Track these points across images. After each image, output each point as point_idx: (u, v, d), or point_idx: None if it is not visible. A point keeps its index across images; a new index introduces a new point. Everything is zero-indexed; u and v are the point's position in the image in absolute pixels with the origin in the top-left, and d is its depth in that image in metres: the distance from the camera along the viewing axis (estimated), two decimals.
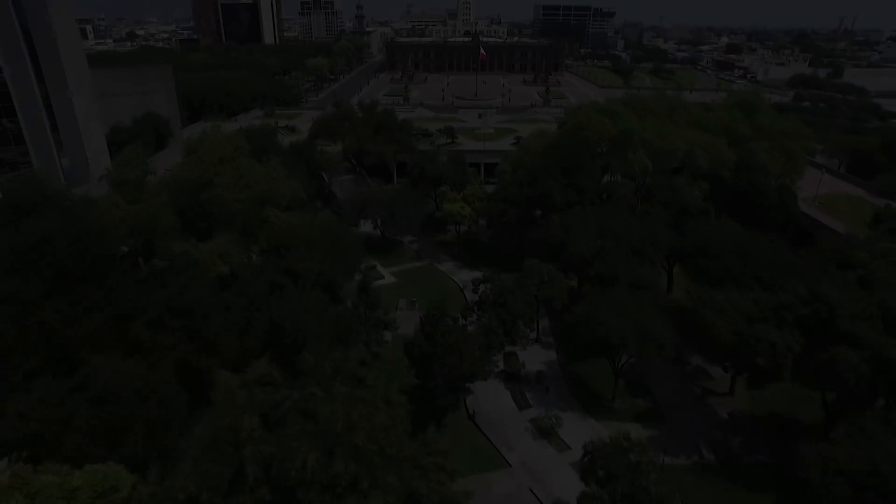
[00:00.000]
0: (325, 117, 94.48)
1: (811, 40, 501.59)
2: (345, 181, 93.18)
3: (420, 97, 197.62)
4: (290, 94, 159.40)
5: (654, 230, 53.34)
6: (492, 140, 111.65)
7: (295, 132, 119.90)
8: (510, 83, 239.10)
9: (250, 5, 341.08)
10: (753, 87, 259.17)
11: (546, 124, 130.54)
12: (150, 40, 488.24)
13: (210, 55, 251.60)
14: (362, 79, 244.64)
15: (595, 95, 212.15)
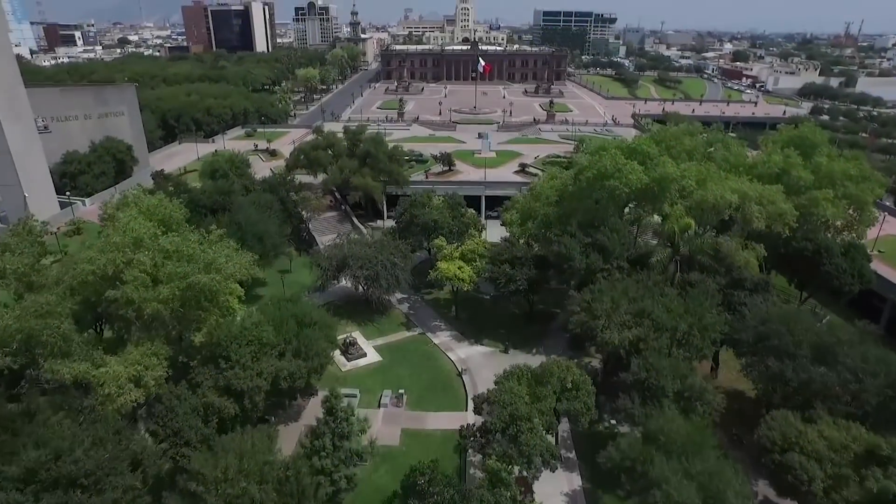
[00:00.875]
0: (305, 146, 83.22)
1: (815, 46, 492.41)
2: (326, 220, 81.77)
3: (415, 111, 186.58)
4: (275, 110, 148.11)
5: (701, 311, 41.97)
6: (493, 166, 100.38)
7: (276, 156, 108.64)
8: (511, 94, 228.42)
9: (241, 12, 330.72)
10: (765, 97, 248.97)
11: (552, 146, 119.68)
12: (141, 46, 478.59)
13: (197, 64, 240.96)
14: (356, 88, 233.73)
15: (600, 107, 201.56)
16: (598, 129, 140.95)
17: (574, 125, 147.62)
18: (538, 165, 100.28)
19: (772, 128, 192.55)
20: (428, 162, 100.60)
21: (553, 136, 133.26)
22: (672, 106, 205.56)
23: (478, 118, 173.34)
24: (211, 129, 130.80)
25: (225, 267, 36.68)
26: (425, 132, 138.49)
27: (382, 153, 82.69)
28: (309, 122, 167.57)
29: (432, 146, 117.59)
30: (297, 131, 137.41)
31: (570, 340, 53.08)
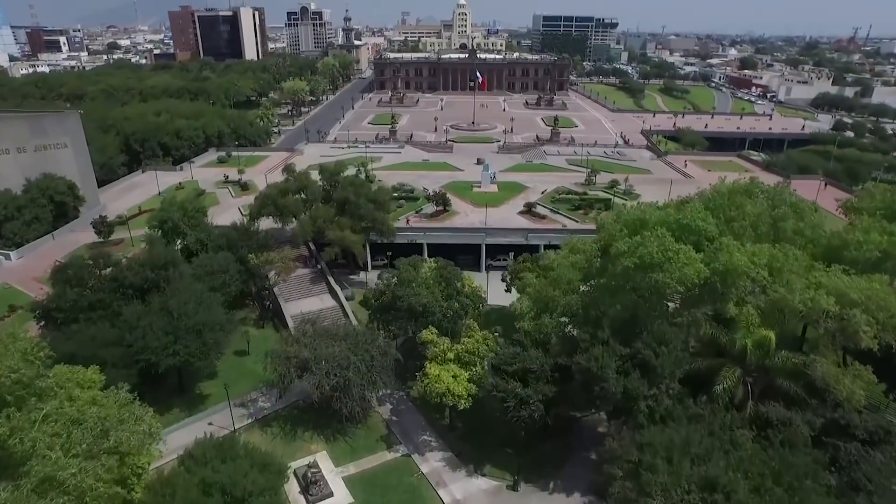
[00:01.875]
0: (272, 191, 70.13)
1: (821, 51, 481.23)
2: (297, 280, 68.75)
3: (409, 126, 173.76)
4: (254, 130, 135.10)
5: (798, 481, 29.15)
6: (495, 204, 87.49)
7: (247, 190, 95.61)
8: (511, 106, 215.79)
9: (229, 18, 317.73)
10: (778, 108, 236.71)
11: (560, 175, 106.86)
12: (130, 52, 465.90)
13: (179, 74, 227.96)
14: (347, 100, 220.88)
15: (606, 121, 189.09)
16: (608, 151, 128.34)
17: (582, 146, 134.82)
18: (546, 203, 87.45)
19: (791, 145, 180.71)
20: (420, 200, 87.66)
21: (559, 160, 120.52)
22: (683, 119, 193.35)
23: (476, 135, 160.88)
24: (181, 154, 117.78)
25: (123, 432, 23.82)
26: (419, 155, 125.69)
27: (364, 198, 69.78)
28: (295, 138, 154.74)
29: (426, 176, 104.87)
30: (278, 155, 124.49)
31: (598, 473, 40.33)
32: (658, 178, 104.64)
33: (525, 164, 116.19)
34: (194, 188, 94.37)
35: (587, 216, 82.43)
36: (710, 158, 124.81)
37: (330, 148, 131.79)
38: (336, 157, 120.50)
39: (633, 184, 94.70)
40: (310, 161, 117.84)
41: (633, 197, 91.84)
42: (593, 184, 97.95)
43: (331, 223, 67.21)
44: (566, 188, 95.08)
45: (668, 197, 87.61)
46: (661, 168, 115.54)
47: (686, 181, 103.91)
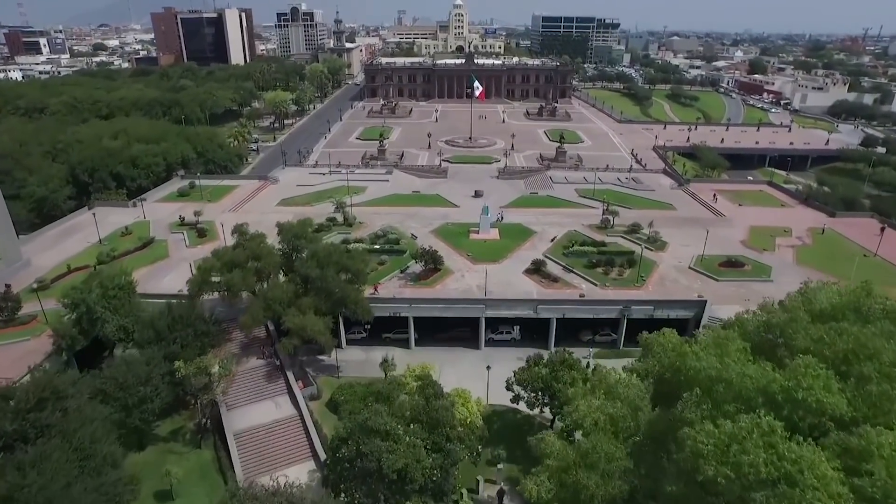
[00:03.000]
0: (216, 262, 55.54)
1: (828, 53, 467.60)
2: (248, 375, 54.43)
3: (401, 142, 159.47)
4: (225, 153, 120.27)
5: None
6: (496, 259, 73.17)
7: (205, 238, 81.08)
8: (511, 116, 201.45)
9: (214, 20, 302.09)
10: (793, 116, 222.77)
11: (570, 212, 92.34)
12: (115, 54, 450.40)
13: (156, 82, 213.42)
14: (336, 110, 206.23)
15: (614, 134, 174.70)
16: (622, 178, 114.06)
17: (593, 170, 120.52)
18: (557, 257, 73.13)
19: (815, 162, 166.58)
20: (405, 256, 73.24)
21: (568, 190, 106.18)
22: (696, 132, 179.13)
23: (473, 153, 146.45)
24: (137, 184, 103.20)
25: None
26: (408, 183, 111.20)
27: (335, 267, 55.53)
28: (275, 158, 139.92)
29: (415, 214, 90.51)
30: (249, 184, 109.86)
31: None
32: (685, 218, 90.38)
33: (529, 196, 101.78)
34: (140, 237, 79.77)
35: (608, 276, 68.27)
36: (737, 187, 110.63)
37: (309, 174, 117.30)
38: (315, 188, 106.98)
39: (657, 229, 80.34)
40: (284, 192, 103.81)
41: (659, 245, 77.72)
42: (611, 226, 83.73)
43: (292, 303, 52.95)
44: (580, 235, 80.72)
45: (703, 250, 74.20)
46: (686, 201, 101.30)
47: (719, 221, 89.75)
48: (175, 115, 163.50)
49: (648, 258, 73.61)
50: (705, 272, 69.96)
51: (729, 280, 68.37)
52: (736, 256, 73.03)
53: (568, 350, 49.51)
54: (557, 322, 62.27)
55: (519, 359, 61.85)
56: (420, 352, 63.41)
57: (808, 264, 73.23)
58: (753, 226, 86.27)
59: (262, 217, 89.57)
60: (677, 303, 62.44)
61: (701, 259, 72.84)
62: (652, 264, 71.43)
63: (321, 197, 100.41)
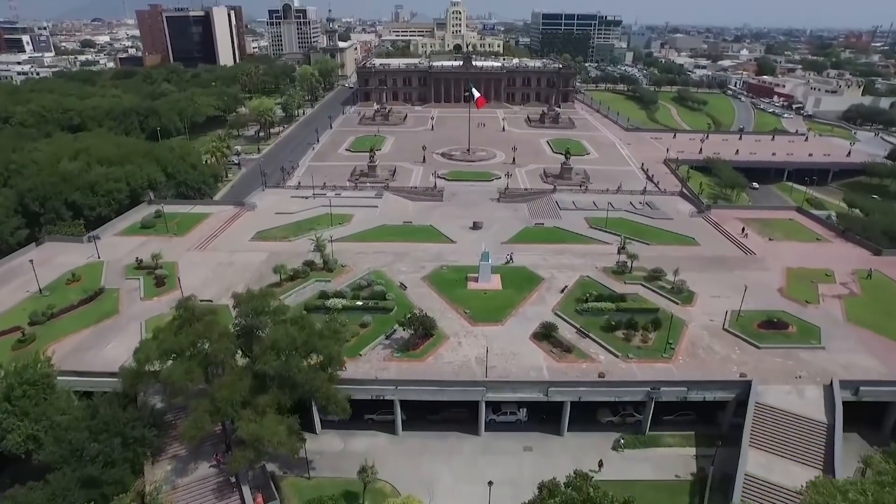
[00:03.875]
0: (155, 351, 44.61)
1: (835, 51, 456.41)
2: (191, 494, 43.88)
3: (394, 153, 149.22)
4: (198, 175, 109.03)
5: None
6: (498, 318, 62.63)
7: (163, 287, 70.40)
8: (511, 123, 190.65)
9: (201, 19, 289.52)
10: (807, 122, 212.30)
11: (582, 250, 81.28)
12: (104, 51, 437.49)
13: (137, 86, 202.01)
14: (325, 116, 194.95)
15: (622, 144, 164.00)
16: (636, 203, 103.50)
17: (602, 192, 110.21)
18: (570, 315, 62.67)
19: (837, 176, 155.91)
20: (393, 312, 62.77)
21: (577, 219, 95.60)
22: (708, 141, 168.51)
23: (472, 169, 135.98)
24: (97, 213, 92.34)
25: None
26: (400, 210, 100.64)
27: (303, 349, 45.08)
28: (256, 175, 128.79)
29: (405, 253, 79.87)
30: (223, 211, 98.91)
31: None
32: (712, 258, 79.80)
33: (534, 228, 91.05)
34: (86, 288, 68.85)
35: (630, 344, 57.87)
36: (763, 215, 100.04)
37: (290, 198, 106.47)
38: (295, 216, 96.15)
39: (682, 275, 69.84)
40: (260, 222, 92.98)
41: (685, 297, 67.35)
42: (628, 271, 73.27)
43: (245, 405, 42.44)
44: (594, 284, 70.19)
45: (737, 303, 63.91)
46: (708, 233, 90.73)
47: (749, 261, 79.34)
48: (152, 126, 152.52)
49: (675, 314, 63.28)
50: (743, 336, 59.58)
51: (772, 346, 58.00)
52: (777, 314, 62.64)
53: (592, 471, 39.20)
54: (572, 404, 51.97)
55: (527, 449, 52.11)
56: (409, 439, 53.19)
57: (861, 322, 63.00)
58: (790, 268, 75.86)
59: (232, 257, 79.42)
60: (715, 383, 52.08)
61: (737, 317, 62.46)
62: (680, 325, 61.04)
63: (301, 228, 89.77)
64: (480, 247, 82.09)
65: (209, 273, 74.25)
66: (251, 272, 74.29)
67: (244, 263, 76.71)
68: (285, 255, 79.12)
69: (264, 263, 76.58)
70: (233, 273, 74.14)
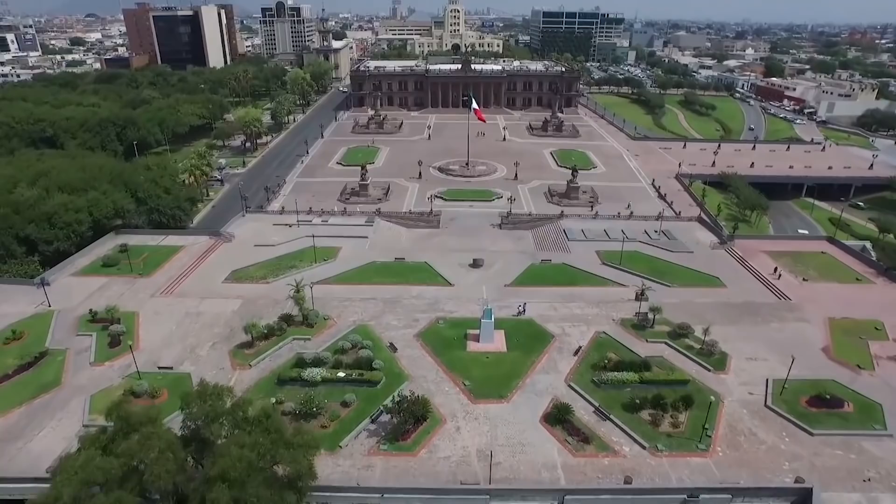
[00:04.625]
0: (75, 477, 35.45)
1: (841, 50, 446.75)
2: None
3: (388, 167, 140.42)
4: (173, 199, 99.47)
5: None
6: (502, 396, 53.67)
7: (117, 347, 61.23)
8: (513, 130, 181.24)
9: (190, 18, 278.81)
10: (822, 129, 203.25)
11: (594, 295, 71.97)
12: (93, 50, 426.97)
13: (119, 91, 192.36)
14: (317, 126, 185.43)
15: (630, 156, 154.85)
16: (651, 232, 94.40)
17: (614, 217, 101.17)
18: (586, 389, 53.69)
19: (859, 191, 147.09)
20: (381, 384, 53.80)
21: (588, 252, 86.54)
22: (720, 151, 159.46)
23: (471, 186, 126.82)
24: (55, 248, 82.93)
25: None
26: (392, 242, 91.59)
27: (265, 463, 36.07)
28: (245, 189, 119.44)
29: (396, 300, 70.77)
30: (196, 243, 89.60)
31: None
32: (742, 305, 70.66)
33: (541, 266, 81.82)
34: (25, 352, 59.42)
35: (658, 430, 48.92)
36: (791, 247, 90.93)
37: (273, 225, 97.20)
38: (276, 249, 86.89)
39: (712, 330, 60.81)
40: (237, 257, 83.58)
41: (718, 361, 58.44)
42: (650, 326, 64.32)
43: None
44: (612, 343, 61.28)
45: (774, 368, 55.02)
46: (735, 271, 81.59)
47: (784, 308, 70.22)
48: (130, 138, 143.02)
49: (707, 386, 54.43)
50: (791, 417, 50.63)
51: (828, 433, 49.08)
52: (827, 386, 53.73)
53: None
54: None
55: None
56: None
57: None
58: (832, 318, 66.88)
59: (201, 305, 70.22)
60: (767, 490, 43.18)
61: (781, 390, 53.54)
62: (714, 401, 52.06)
63: (281, 266, 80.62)
64: (481, 290, 73.74)
65: (173, 327, 65.09)
66: (220, 326, 65.25)
67: (214, 314, 67.57)
68: (261, 303, 70.21)
69: (236, 314, 67.56)
70: (200, 328, 65.05)
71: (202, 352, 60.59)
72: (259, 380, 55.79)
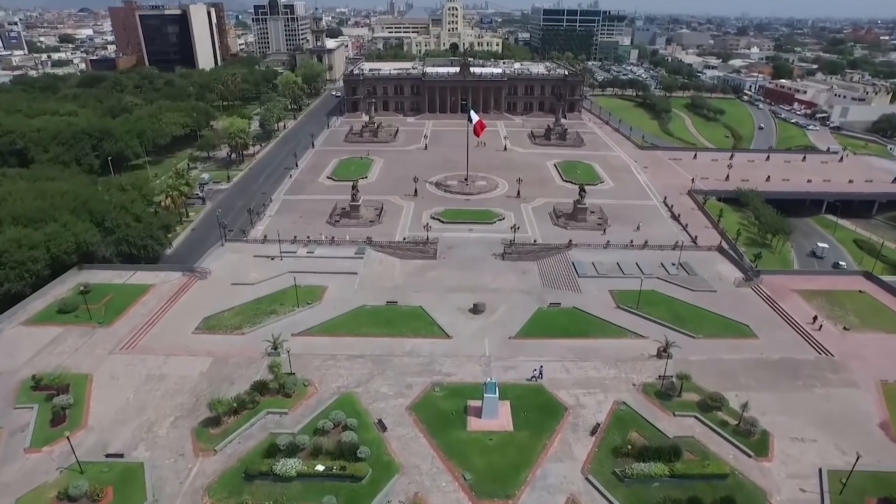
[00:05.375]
0: None
1: (848, 48, 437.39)
2: None
3: (381, 182, 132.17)
4: (145, 228, 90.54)
5: None
6: (508, 487, 45.43)
7: (62, 426, 52.74)
8: (514, 138, 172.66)
9: (178, 18, 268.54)
10: (836, 136, 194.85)
11: (612, 351, 63.80)
12: (81, 48, 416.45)
13: (100, 97, 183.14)
14: (309, 133, 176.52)
15: (637, 168, 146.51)
16: (668, 267, 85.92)
17: (626, 248, 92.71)
18: (609, 488, 45.46)
19: (883, 208, 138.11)
20: (366, 477, 45.50)
21: (601, 291, 78.15)
22: (733, 161, 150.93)
23: (470, 206, 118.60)
24: (5, 291, 74.08)
25: None
26: (384, 279, 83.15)
27: None
28: (229, 205, 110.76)
29: (387, 357, 62.41)
30: (168, 282, 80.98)
31: None
32: (779, 364, 62.30)
33: (549, 311, 73.24)
34: None
35: None
36: (824, 285, 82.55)
37: (254, 257, 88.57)
38: (255, 288, 78.26)
39: (752, 412, 52.39)
40: (211, 300, 74.57)
41: (759, 444, 50.18)
42: (677, 395, 55.99)
43: None
44: (634, 417, 53.03)
45: (830, 455, 46.63)
46: (765, 316, 73.13)
47: (827, 367, 61.92)
48: (107, 151, 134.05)
49: (749, 480, 46.29)
50: None
51: None
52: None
53: None
54: None
55: None
56: None
57: None
58: (885, 382, 58.69)
59: (165, 364, 61.72)
60: None
61: (841, 489, 45.33)
62: (759, 499, 43.87)
63: (260, 311, 72.12)
64: (483, 344, 65.46)
65: (130, 396, 56.62)
66: (185, 394, 56.81)
67: (179, 378, 59.09)
68: (234, 362, 61.82)
69: (205, 377, 59.21)
70: (161, 396, 56.55)
71: (161, 430, 52.18)
72: (224, 471, 47.44)
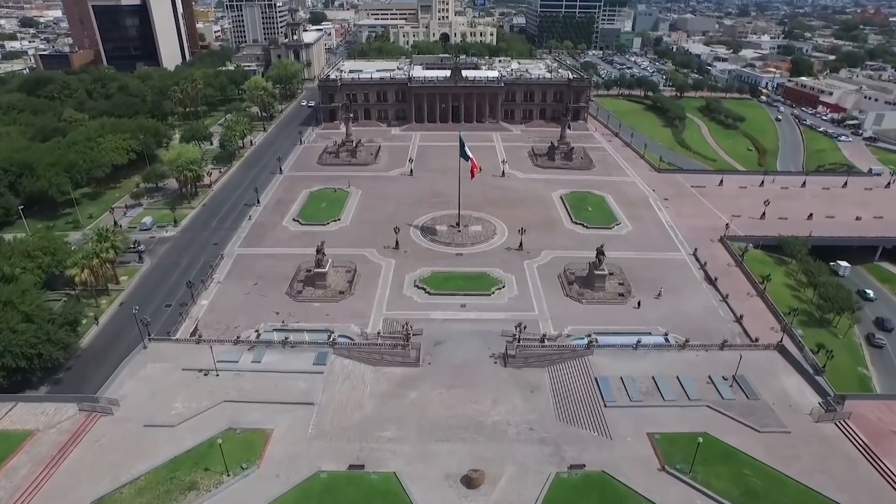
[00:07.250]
0: None
1: (861, 34, 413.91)
2: None
3: (356, 225, 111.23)
4: (42, 333, 68.80)
5: None
6: None
7: None
8: (513, 159, 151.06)
9: (137, 9, 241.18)
10: (872, 149, 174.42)
11: None
12: (42, 36, 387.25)
13: (47, 103, 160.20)
14: (276, 155, 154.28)
15: (655, 196, 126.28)
16: (721, 387, 65.75)
17: (663, 348, 72.65)
18: None
19: None
20: None
21: (636, 436, 58.26)
22: (764, 191, 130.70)
23: (463, 261, 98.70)
24: None
25: None
26: (349, 408, 62.63)
27: None
28: (172, 258, 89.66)
29: None
30: (60, 420, 59.98)
31: None
32: None
33: (570, 481, 52.94)
34: None
35: None
36: None
37: (182, 371, 67.60)
38: (175, 436, 57.13)
39: None
40: (108, 461, 52.21)
41: None
42: None
43: None
44: None
45: None
46: (866, 482, 53.68)
47: None
48: (27, 189, 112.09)
49: None
50: None
51: None
52: None
53: None
54: None
55: None
56: None
57: None
58: None
59: None
60: None
61: None
62: None
63: (175, 484, 51.62)
64: None
65: None
66: None
67: None
68: None
69: None
70: None
71: None
72: None
